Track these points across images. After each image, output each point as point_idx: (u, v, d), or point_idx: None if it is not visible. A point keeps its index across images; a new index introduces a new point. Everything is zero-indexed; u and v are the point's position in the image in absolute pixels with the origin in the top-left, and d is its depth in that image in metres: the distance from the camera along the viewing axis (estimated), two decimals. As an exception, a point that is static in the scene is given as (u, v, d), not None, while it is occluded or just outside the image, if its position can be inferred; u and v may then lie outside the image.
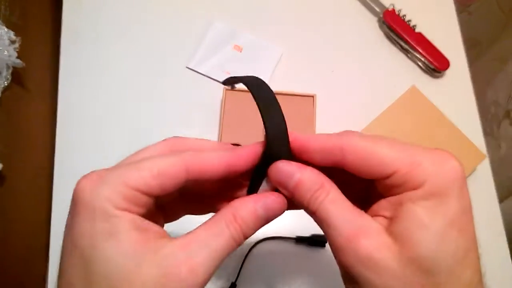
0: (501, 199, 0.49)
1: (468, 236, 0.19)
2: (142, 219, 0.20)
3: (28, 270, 0.42)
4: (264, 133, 0.21)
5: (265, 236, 0.43)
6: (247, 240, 0.26)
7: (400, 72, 0.53)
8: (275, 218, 0.22)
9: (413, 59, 0.53)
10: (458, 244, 0.19)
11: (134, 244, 0.18)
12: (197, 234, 0.20)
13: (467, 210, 0.20)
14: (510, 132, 0.68)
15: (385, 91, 0.50)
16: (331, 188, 0.21)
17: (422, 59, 0.52)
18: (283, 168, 0.21)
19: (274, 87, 0.57)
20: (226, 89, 0.45)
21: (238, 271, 0.42)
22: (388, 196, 0.21)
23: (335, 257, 0.20)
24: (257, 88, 0.21)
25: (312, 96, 0.46)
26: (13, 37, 0.39)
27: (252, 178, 0.22)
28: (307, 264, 0.43)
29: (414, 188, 0.19)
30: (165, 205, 0.24)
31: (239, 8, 0.54)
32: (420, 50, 0.52)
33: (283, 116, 0.21)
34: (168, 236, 0.20)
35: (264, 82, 0.22)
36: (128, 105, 0.49)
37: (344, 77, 0.52)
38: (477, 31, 0.77)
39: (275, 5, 0.55)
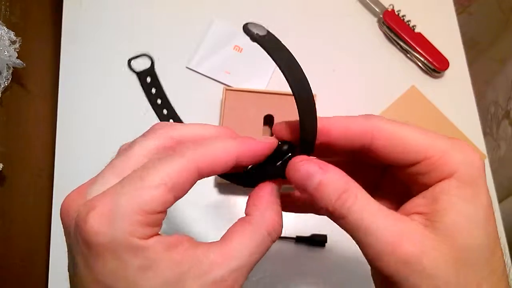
0: (500, 200, 0.49)
1: (495, 228, 0.19)
2: (166, 237, 0.18)
3: (28, 271, 0.42)
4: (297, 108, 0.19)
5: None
6: None
7: (400, 72, 0.53)
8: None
9: (413, 59, 0.53)
10: (492, 237, 0.18)
11: (174, 268, 0.17)
12: (234, 246, 0.18)
13: (491, 205, 0.19)
14: (510, 132, 0.68)
15: (385, 91, 0.50)
16: (358, 191, 0.19)
17: (422, 59, 0.52)
18: (302, 168, 0.19)
19: (274, 87, 0.58)
20: (226, 89, 0.45)
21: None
22: (412, 187, 0.20)
23: (375, 265, 0.19)
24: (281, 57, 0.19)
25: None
26: (14, 38, 0.39)
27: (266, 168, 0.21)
28: (307, 264, 0.43)
29: (445, 177, 0.18)
30: None
31: (240, 8, 0.54)
32: (420, 50, 0.52)
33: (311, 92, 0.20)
34: (196, 242, 0.18)
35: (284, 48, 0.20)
36: (128, 105, 0.49)
37: (344, 77, 0.52)
38: (477, 31, 0.77)
39: (275, 5, 0.55)
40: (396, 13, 0.54)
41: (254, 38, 0.18)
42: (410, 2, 0.55)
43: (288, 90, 0.54)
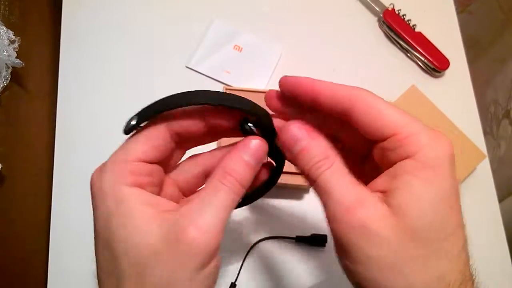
0: (500, 199, 0.49)
1: (457, 215, 0.20)
2: (150, 195, 0.21)
3: (28, 270, 0.42)
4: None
5: (265, 236, 0.43)
6: (246, 240, 0.27)
7: (400, 71, 0.53)
8: (262, 160, 0.22)
9: (413, 59, 0.53)
10: (449, 220, 0.19)
11: (146, 220, 0.20)
12: (198, 198, 0.21)
13: (456, 190, 0.20)
14: (510, 131, 0.68)
15: (385, 90, 0.49)
16: (335, 160, 0.21)
17: (422, 58, 0.52)
18: (293, 131, 0.22)
19: (274, 87, 0.57)
20: (226, 89, 0.45)
21: (238, 271, 0.42)
22: (381, 165, 0.21)
23: (330, 227, 0.21)
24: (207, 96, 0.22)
25: (312, 96, 0.46)
26: (13, 37, 0.39)
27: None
28: (307, 264, 0.43)
29: (407, 156, 0.20)
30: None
31: (239, 7, 0.54)
32: (420, 50, 0.52)
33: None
34: (176, 206, 0.21)
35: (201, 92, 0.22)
36: (128, 104, 0.49)
37: (344, 77, 0.52)
38: (477, 31, 0.77)
39: (275, 4, 0.55)
40: (396, 12, 0.53)
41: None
42: (410, 2, 0.55)
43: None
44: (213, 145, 0.28)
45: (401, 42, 0.53)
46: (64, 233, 0.44)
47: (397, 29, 0.53)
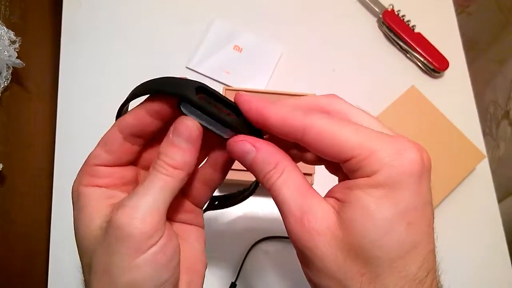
0: (500, 199, 0.49)
1: (418, 231, 0.19)
2: (108, 190, 0.23)
3: (28, 270, 0.42)
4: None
5: (264, 236, 0.43)
6: (247, 240, 0.27)
7: (400, 72, 0.53)
8: (195, 139, 0.22)
9: (413, 59, 0.53)
10: (404, 238, 0.19)
11: (93, 213, 0.21)
12: (136, 188, 0.21)
13: (421, 206, 0.19)
14: (509, 132, 0.68)
15: (385, 91, 0.50)
16: (285, 168, 0.21)
17: (422, 59, 0.52)
18: (239, 146, 0.21)
19: (274, 87, 0.58)
20: (226, 89, 0.45)
21: (238, 271, 0.42)
22: (345, 178, 0.21)
23: (287, 233, 0.21)
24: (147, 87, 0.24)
25: (312, 96, 0.46)
26: (13, 37, 0.39)
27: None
28: (307, 264, 0.43)
29: (367, 176, 0.19)
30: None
31: (240, 8, 0.54)
32: (420, 50, 0.52)
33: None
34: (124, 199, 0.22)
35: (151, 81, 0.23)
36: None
37: (344, 77, 0.52)
38: (476, 32, 0.77)
39: (275, 5, 0.55)
40: (396, 13, 0.54)
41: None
42: (409, 2, 0.55)
43: (287, 90, 0.54)
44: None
45: (401, 43, 0.53)
46: (65, 232, 0.44)
47: (396, 29, 0.53)
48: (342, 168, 0.21)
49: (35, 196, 0.45)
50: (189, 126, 0.21)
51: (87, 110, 0.48)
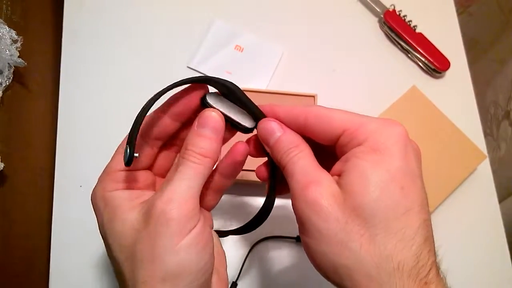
0: (500, 199, 0.50)
1: (411, 196, 0.20)
2: (134, 191, 0.24)
3: (29, 270, 0.42)
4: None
5: (265, 236, 0.44)
6: (247, 239, 0.27)
7: (401, 72, 0.53)
8: (220, 129, 0.24)
9: (414, 59, 0.53)
10: (399, 200, 0.20)
11: (127, 210, 0.23)
12: (165, 179, 0.23)
13: (411, 173, 0.21)
14: (510, 133, 0.68)
15: (386, 91, 0.50)
16: (305, 149, 0.24)
17: (423, 59, 0.52)
18: (268, 125, 0.24)
19: (275, 87, 0.58)
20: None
21: (239, 270, 0.42)
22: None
23: (292, 204, 0.23)
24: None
25: (313, 96, 0.46)
26: (15, 37, 0.39)
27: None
28: (307, 263, 0.43)
29: (359, 144, 0.21)
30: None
31: (240, 8, 0.54)
32: (421, 50, 0.52)
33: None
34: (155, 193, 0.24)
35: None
36: (129, 104, 0.49)
37: (345, 77, 0.52)
38: (477, 32, 0.78)
39: (276, 5, 0.55)
40: (397, 13, 0.54)
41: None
42: (411, 3, 0.55)
43: (289, 90, 0.54)
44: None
45: (402, 43, 0.53)
46: (65, 232, 0.44)
47: (397, 30, 0.53)
48: (336, 150, 0.23)
49: (36, 195, 0.45)
50: (213, 116, 0.23)
51: (88, 109, 0.48)
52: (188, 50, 0.52)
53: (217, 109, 0.24)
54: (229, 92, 0.24)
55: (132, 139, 0.23)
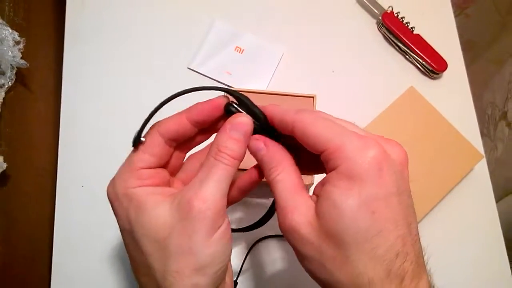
0: (497, 199, 0.50)
1: (382, 219, 0.21)
2: (155, 187, 0.25)
3: (31, 270, 0.43)
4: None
5: (266, 235, 0.44)
6: (248, 238, 0.28)
7: (399, 73, 0.54)
8: (250, 133, 0.25)
9: (412, 61, 0.54)
10: (370, 225, 0.21)
11: (156, 204, 0.24)
12: (197, 176, 0.24)
13: (383, 196, 0.22)
14: (507, 133, 0.69)
15: (384, 92, 0.51)
16: (284, 169, 0.25)
17: (420, 60, 0.53)
18: (256, 143, 0.26)
19: (275, 88, 0.58)
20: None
21: (239, 269, 0.42)
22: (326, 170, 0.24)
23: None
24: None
25: (312, 97, 0.46)
26: (18, 38, 0.39)
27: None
28: (307, 263, 0.44)
29: (334, 168, 0.22)
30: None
31: (241, 9, 0.55)
32: (418, 52, 0.53)
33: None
34: (180, 190, 0.25)
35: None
36: (130, 105, 0.49)
37: (344, 78, 0.53)
38: (474, 33, 0.78)
39: (276, 7, 0.55)
40: (395, 15, 0.54)
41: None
42: (408, 4, 0.55)
43: (288, 90, 0.55)
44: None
45: (400, 44, 0.54)
46: (68, 232, 0.44)
47: (395, 31, 0.53)
48: (322, 160, 0.24)
49: (39, 196, 0.45)
50: (246, 122, 0.25)
51: (90, 110, 0.49)
52: (189, 51, 0.52)
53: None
54: (241, 101, 0.26)
55: (143, 125, 0.25)
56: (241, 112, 0.26)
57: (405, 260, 0.21)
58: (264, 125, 0.26)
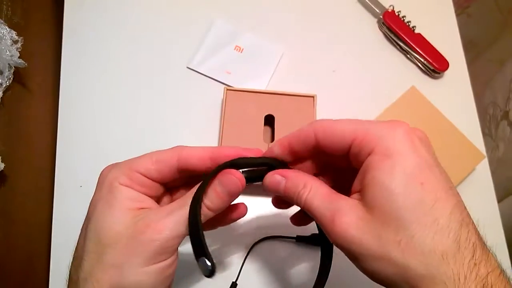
0: (499, 199, 0.50)
1: (433, 188, 0.21)
2: (140, 195, 0.25)
3: (29, 270, 0.42)
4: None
5: (265, 236, 0.44)
6: (247, 239, 0.28)
7: (400, 72, 0.53)
8: (235, 194, 0.25)
9: (413, 60, 0.53)
10: (422, 197, 0.20)
11: (123, 211, 0.24)
12: (170, 206, 0.24)
13: (426, 165, 0.21)
14: (508, 133, 0.68)
15: (385, 91, 0.50)
16: (312, 185, 0.24)
17: (422, 59, 0.53)
18: (271, 179, 0.26)
19: (275, 87, 0.58)
20: (227, 89, 0.45)
21: (239, 270, 0.42)
22: (359, 169, 0.23)
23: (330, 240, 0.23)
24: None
25: (313, 97, 0.46)
26: (15, 37, 0.39)
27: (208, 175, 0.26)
28: (307, 263, 0.44)
29: (370, 152, 0.22)
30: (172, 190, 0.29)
31: (240, 8, 0.54)
32: (420, 51, 0.52)
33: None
34: (154, 208, 0.25)
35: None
36: (129, 105, 0.49)
37: (344, 78, 0.52)
38: (476, 33, 0.78)
39: (276, 6, 0.55)
40: (396, 14, 0.54)
41: None
42: (410, 3, 0.55)
43: (288, 90, 0.54)
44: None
45: (401, 44, 0.53)
46: (66, 233, 0.44)
47: (397, 30, 0.53)
48: (351, 160, 0.24)
49: (37, 196, 0.45)
50: (233, 180, 0.25)
51: (88, 110, 0.48)
52: (188, 50, 0.52)
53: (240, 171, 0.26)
54: (239, 166, 0.26)
55: (206, 250, 0.23)
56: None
57: (469, 230, 0.21)
58: (276, 164, 0.26)
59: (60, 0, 0.52)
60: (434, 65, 0.52)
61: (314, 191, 0.24)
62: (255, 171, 0.27)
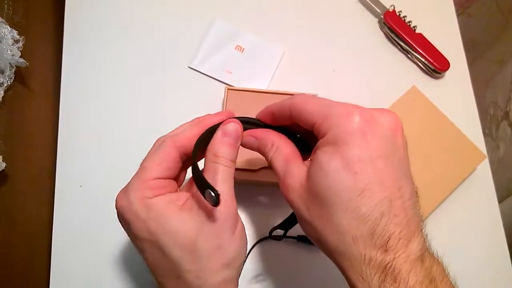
0: (500, 200, 0.50)
1: (365, 179, 0.23)
2: (172, 194, 0.27)
3: (30, 270, 0.42)
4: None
5: (265, 236, 0.44)
6: (248, 239, 0.28)
7: (401, 72, 0.53)
8: (239, 136, 0.28)
9: (414, 60, 0.53)
10: (352, 184, 0.23)
11: (176, 213, 0.25)
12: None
13: (367, 158, 0.23)
14: (509, 133, 0.68)
15: (386, 91, 0.50)
16: (278, 146, 0.28)
17: (423, 59, 0.52)
18: (246, 139, 0.30)
19: (276, 87, 0.58)
20: (228, 89, 0.45)
21: (239, 270, 0.42)
22: None
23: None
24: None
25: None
26: (17, 37, 0.39)
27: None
28: (308, 263, 0.44)
29: (322, 137, 0.25)
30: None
31: (241, 8, 0.54)
32: (421, 51, 0.52)
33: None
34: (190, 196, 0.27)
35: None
36: (130, 104, 0.49)
37: (345, 78, 0.52)
38: (477, 33, 0.78)
39: (277, 5, 0.55)
40: (397, 13, 0.54)
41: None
42: (411, 3, 0.55)
43: (289, 90, 0.54)
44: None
45: (402, 44, 0.53)
46: (67, 232, 0.44)
47: (397, 30, 0.53)
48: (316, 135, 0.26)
49: (37, 195, 0.45)
50: (234, 127, 0.28)
51: (89, 109, 0.49)
52: (189, 50, 0.52)
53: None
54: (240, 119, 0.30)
55: (208, 185, 0.25)
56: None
57: (391, 222, 0.22)
58: (261, 125, 0.30)
59: (61, -1, 0.52)
60: (435, 65, 0.52)
61: (277, 152, 0.28)
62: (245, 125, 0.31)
